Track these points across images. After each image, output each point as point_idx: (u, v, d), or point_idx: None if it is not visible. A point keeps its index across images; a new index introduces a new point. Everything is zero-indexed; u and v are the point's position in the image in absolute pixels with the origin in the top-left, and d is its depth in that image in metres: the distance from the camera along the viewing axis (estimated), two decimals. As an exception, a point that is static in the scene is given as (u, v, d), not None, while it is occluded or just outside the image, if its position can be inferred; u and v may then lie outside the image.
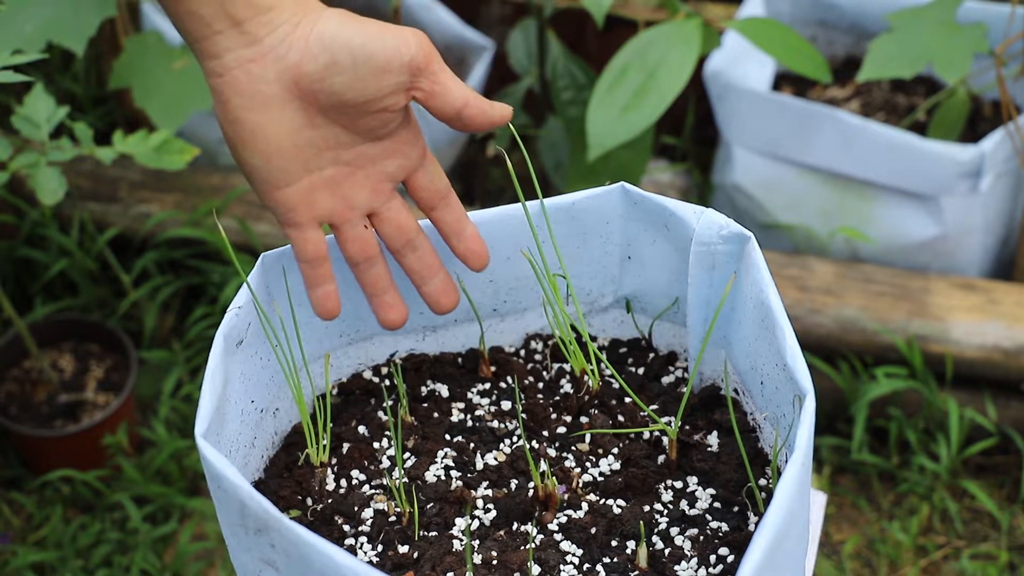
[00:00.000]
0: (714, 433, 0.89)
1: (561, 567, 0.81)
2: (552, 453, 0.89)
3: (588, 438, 0.89)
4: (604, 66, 1.68)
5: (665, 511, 0.85)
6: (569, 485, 0.86)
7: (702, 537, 0.82)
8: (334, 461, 0.89)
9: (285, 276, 0.87)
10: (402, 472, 0.87)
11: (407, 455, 0.89)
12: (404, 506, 0.84)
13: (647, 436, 0.90)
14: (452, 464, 0.88)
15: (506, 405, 0.93)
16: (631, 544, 0.83)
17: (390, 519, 0.85)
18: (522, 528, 0.84)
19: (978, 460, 1.85)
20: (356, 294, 0.90)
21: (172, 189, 1.94)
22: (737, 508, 0.84)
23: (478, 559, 0.81)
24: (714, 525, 0.83)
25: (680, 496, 0.86)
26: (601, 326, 0.98)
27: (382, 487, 0.87)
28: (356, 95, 0.81)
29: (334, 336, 0.93)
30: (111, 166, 1.95)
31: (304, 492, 0.87)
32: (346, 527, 0.85)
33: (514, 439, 0.90)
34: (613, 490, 0.86)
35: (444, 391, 0.94)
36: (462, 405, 0.93)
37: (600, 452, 0.89)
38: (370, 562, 0.82)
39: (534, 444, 0.89)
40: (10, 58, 1.13)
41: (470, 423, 0.92)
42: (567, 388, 0.94)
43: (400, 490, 0.85)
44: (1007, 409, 1.82)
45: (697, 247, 0.87)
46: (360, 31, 0.80)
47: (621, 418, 0.90)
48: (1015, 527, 1.78)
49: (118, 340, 1.80)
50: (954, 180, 1.83)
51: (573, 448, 0.89)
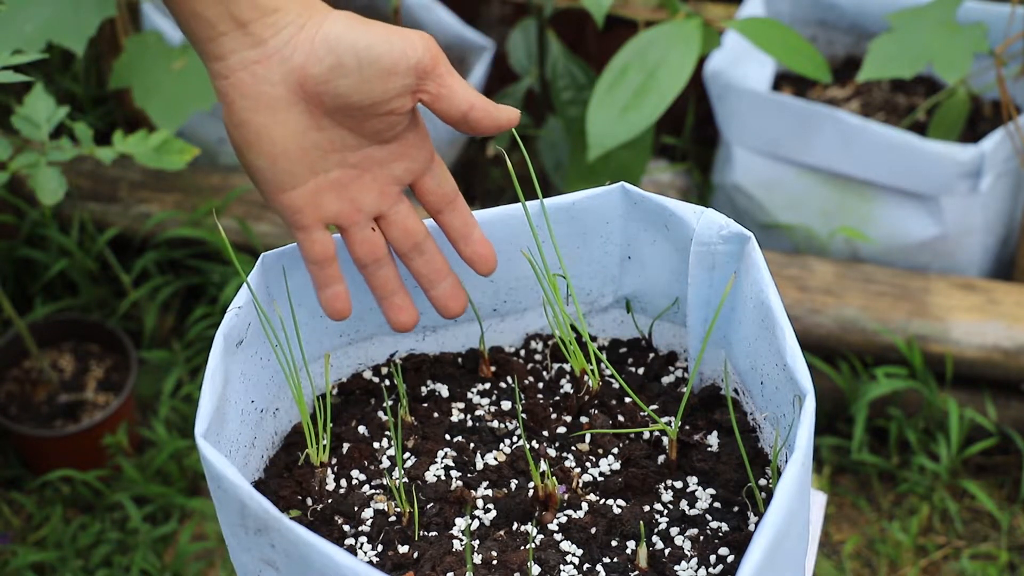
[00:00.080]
0: (714, 433, 0.89)
1: (561, 567, 0.81)
2: (552, 453, 0.89)
3: (588, 438, 0.89)
4: (604, 66, 1.68)
5: (665, 511, 0.85)
6: (569, 485, 0.86)
7: (702, 537, 0.82)
8: (334, 461, 0.89)
9: (285, 276, 0.87)
10: (402, 472, 0.87)
11: (407, 455, 0.89)
12: (404, 506, 0.84)
13: (647, 436, 0.90)
14: (452, 464, 0.88)
15: (506, 405, 0.93)
16: (631, 544, 0.83)
17: (390, 519, 0.85)
18: (522, 528, 0.84)
19: (978, 460, 1.85)
20: (356, 294, 0.90)
21: (172, 189, 1.94)
22: (737, 508, 0.84)
23: (478, 559, 0.81)
24: (714, 525, 0.83)
25: (680, 496, 0.86)
26: (601, 326, 0.98)
27: (382, 487, 0.87)
28: (362, 97, 0.80)
29: (334, 336, 0.93)
30: (111, 166, 1.95)
31: (304, 492, 0.87)
32: (346, 527, 0.84)
33: (514, 439, 0.90)
34: (613, 490, 0.86)
35: (444, 391, 0.94)
36: (462, 405, 0.93)
37: (600, 452, 0.89)
38: (370, 562, 0.82)
39: (534, 444, 0.89)
40: (10, 58, 1.13)
41: (470, 423, 0.92)
42: (567, 388, 0.94)
43: (400, 490, 0.85)
44: (1007, 409, 1.82)
45: (697, 247, 0.87)
46: (366, 33, 0.79)
47: (621, 418, 0.90)
48: (1015, 527, 1.78)
49: (118, 340, 1.80)
50: (954, 180, 1.83)
51: (573, 448, 0.89)
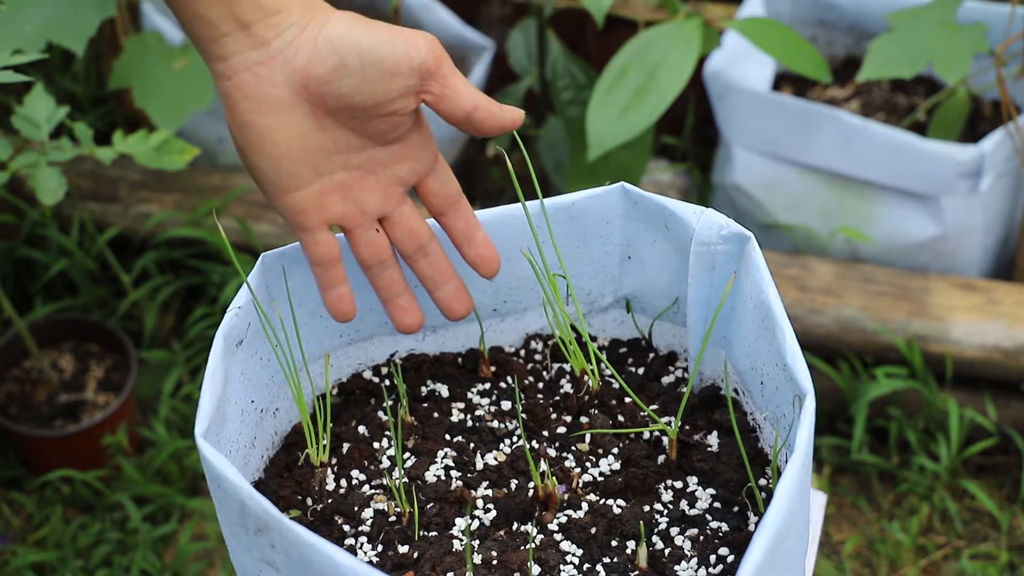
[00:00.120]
0: (714, 433, 0.89)
1: (561, 567, 0.81)
2: (552, 453, 0.89)
3: (588, 438, 0.89)
4: (604, 66, 1.68)
5: (665, 511, 0.85)
6: (569, 485, 0.86)
7: (702, 537, 0.82)
8: (334, 461, 0.89)
9: (285, 276, 0.87)
10: (402, 472, 0.87)
11: (407, 455, 0.89)
12: (404, 506, 0.84)
13: (647, 436, 0.90)
14: (452, 464, 0.88)
15: (506, 405, 0.93)
16: (631, 544, 0.83)
17: (390, 519, 0.85)
18: (522, 528, 0.84)
19: (978, 460, 1.85)
20: (357, 294, 0.90)
21: (172, 189, 1.94)
22: (737, 508, 0.84)
23: (478, 559, 0.81)
24: (714, 525, 0.83)
25: (680, 496, 0.86)
26: (601, 326, 0.98)
27: (382, 487, 0.87)
28: (365, 98, 0.80)
29: (334, 336, 0.93)
30: (111, 166, 1.95)
31: (304, 492, 0.87)
32: (346, 527, 0.84)
33: (514, 439, 0.90)
34: (613, 490, 0.86)
35: (444, 391, 0.94)
36: (462, 405, 0.93)
37: (600, 452, 0.89)
38: (370, 562, 0.82)
39: (534, 444, 0.89)
40: (10, 58, 1.13)
41: (470, 423, 0.92)
42: (567, 388, 0.93)
43: (400, 490, 0.85)
44: (1007, 409, 1.82)
45: (697, 247, 0.87)
46: (369, 34, 0.79)
47: (621, 418, 0.90)
48: (1015, 527, 1.78)
49: (118, 340, 1.80)
50: (954, 180, 1.83)
51: (573, 448, 0.89)
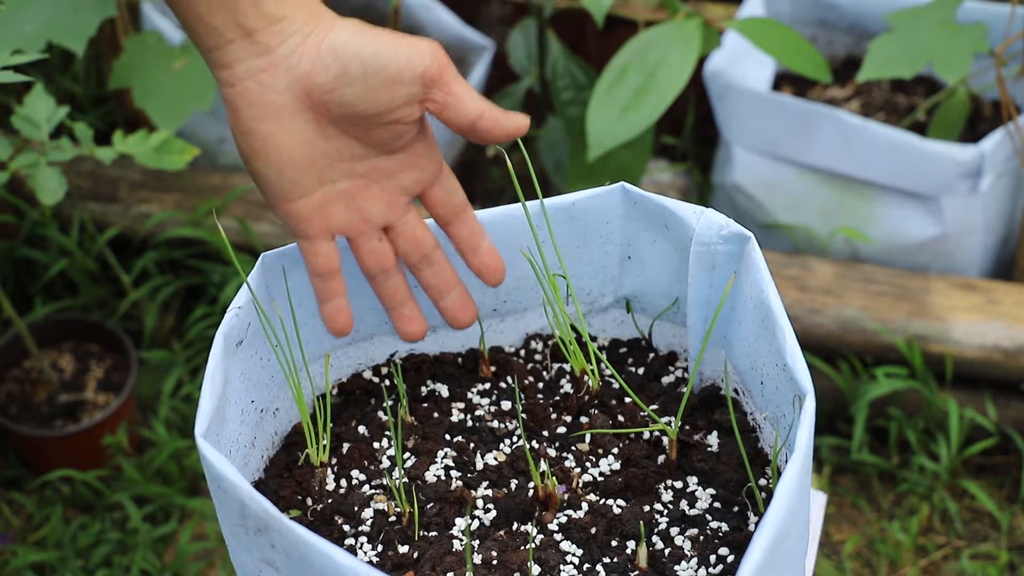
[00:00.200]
0: (714, 433, 0.89)
1: (561, 567, 0.81)
2: (552, 453, 0.89)
3: (588, 438, 0.89)
4: (604, 66, 1.68)
5: (665, 511, 0.85)
6: (569, 485, 0.86)
7: (702, 537, 0.82)
8: (334, 461, 0.89)
9: (285, 276, 0.87)
10: (402, 472, 0.87)
11: (407, 455, 0.89)
12: (404, 506, 0.84)
13: (647, 436, 0.90)
14: (452, 464, 0.88)
15: (506, 405, 0.93)
16: (631, 544, 0.83)
17: (390, 519, 0.85)
18: (522, 528, 0.84)
19: (978, 460, 1.85)
20: (356, 295, 0.90)
21: (172, 189, 1.94)
22: (737, 508, 0.84)
23: (478, 559, 0.81)
24: (714, 525, 0.83)
25: (680, 496, 0.86)
26: (601, 326, 0.98)
27: (382, 487, 0.87)
28: (367, 106, 0.80)
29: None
30: (111, 166, 1.95)
31: (304, 492, 0.87)
32: (346, 527, 0.84)
33: (514, 439, 0.90)
34: (613, 490, 0.86)
35: (444, 391, 0.94)
36: (462, 405, 0.93)
37: (600, 452, 0.89)
38: (370, 562, 0.82)
39: (534, 444, 0.89)
40: (10, 58, 1.13)
41: (470, 423, 0.92)
42: (567, 388, 0.93)
43: (400, 490, 0.85)
44: (1007, 409, 1.82)
45: (697, 247, 0.87)
46: (372, 42, 0.79)
47: (621, 418, 0.90)
48: (1015, 527, 1.78)
49: (118, 340, 1.80)
50: (954, 180, 1.83)
51: (573, 448, 0.89)
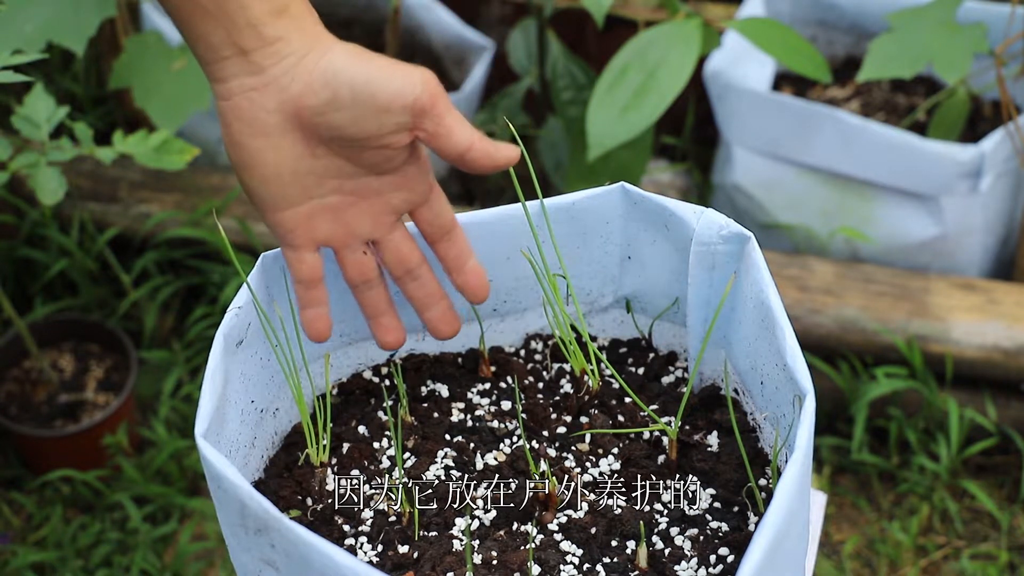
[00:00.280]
0: (714, 433, 0.89)
1: (561, 567, 0.81)
2: (552, 453, 0.89)
3: (588, 438, 0.89)
4: (604, 66, 1.68)
5: (665, 511, 0.85)
6: (569, 485, 0.85)
7: (702, 537, 0.82)
8: (334, 461, 0.89)
9: (285, 276, 0.87)
10: (402, 472, 0.87)
11: (407, 455, 0.89)
12: (404, 506, 0.84)
13: (647, 436, 0.90)
14: (452, 464, 0.88)
15: (506, 405, 0.93)
16: (631, 544, 0.83)
17: (390, 519, 0.85)
18: (522, 528, 0.84)
19: (978, 460, 1.85)
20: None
21: (172, 189, 1.94)
22: (737, 508, 0.84)
23: (478, 559, 0.81)
24: (714, 525, 0.83)
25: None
26: (601, 326, 0.98)
27: (382, 487, 0.87)
28: (356, 131, 0.80)
29: (334, 336, 0.93)
30: (111, 166, 1.95)
31: (304, 492, 0.87)
32: (346, 527, 0.84)
33: (514, 439, 0.90)
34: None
35: (444, 391, 0.94)
36: (462, 405, 0.93)
37: (600, 452, 0.89)
38: (370, 562, 0.82)
39: (534, 444, 0.89)
40: (10, 58, 1.13)
41: (470, 423, 0.92)
42: (567, 388, 0.93)
43: (400, 490, 0.85)
44: (1007, 409, 1.82)
45: (697, 247, 0.87)
46: (365, 68, 0.79)
47: (621, 418, 0.90)
48: (1015, 527, 1.78)
49: (118, 340, 1.80)
50: (954, 180, 1.83)
51: (573, 448, 0.89)
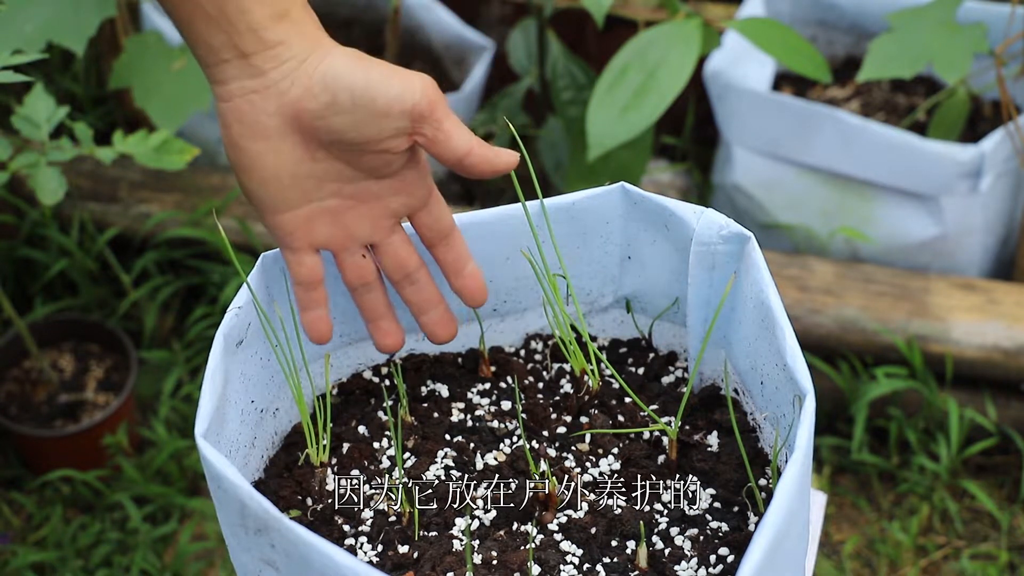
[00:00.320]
0: (714, 433, 0.89)
1: (561, 567, 0.81)
2: (552, 453, 0.89)
3: (588, 438, 0.89)
4: (604, 66, 1.68)
5: (665, 511, 0.85)
6: (569, 485, 0.85)
7: (702, 537, 0.82)
8: (334, 461, 0.89)
9: (285, 276, 0.87)
10: (402, 472, 0.87)
11: (407, 455, 0.89)
12: (404, 506, 0.84)
13: (647, 436, 0.90)
14: (452, 464, 0.88)
15: (506, 405, 0.93)
16: (631, 544, 0.83)
17: (390, 519, 0.85)
18: (522, 528, 0.84)
19: (978, 460, 1.85)
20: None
21: (172, 189, 1.94)
22: (737, 508, 0.84)
23: (478, 559, 0.81)
24: (714, 525, 0.83)
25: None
26: (601, 326, 0.98)
27: (382, 487, 0.87)
28: (355, 135, 0.81)
29: (334, 336, 0.93)
30: (111, 166, 1.95)
31: (304, 492, 0.87)
32: (346, 527, 0.84)
33: (514, 439, 0.90)
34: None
35: (444, 391, 0.94)
36: (462, 405, 0.93)
37: (600, 452, 0.89)
38: (370, 562, 0.82)
39: (534, 444, 0.89)
40: (10, 58, 1.13)
41: (470, 423, 0.92)
42: (567, 388, 0.93)
43: (400, 490, 0.85)
44: (1007, 409, 1.82)
45: (697, 247, 0.87)
46: (365, 73, 0.80)
47: (621, 418, 0.90)
48: (1015, 527, 1.78)
49: (118, 340, 1.80)
50: (954, 180, 1.83)
51: (573, 448, 0.89)
